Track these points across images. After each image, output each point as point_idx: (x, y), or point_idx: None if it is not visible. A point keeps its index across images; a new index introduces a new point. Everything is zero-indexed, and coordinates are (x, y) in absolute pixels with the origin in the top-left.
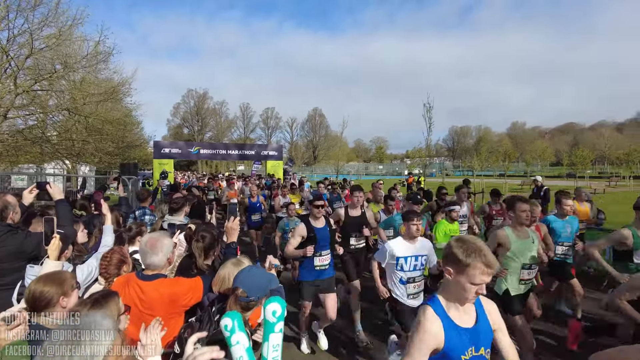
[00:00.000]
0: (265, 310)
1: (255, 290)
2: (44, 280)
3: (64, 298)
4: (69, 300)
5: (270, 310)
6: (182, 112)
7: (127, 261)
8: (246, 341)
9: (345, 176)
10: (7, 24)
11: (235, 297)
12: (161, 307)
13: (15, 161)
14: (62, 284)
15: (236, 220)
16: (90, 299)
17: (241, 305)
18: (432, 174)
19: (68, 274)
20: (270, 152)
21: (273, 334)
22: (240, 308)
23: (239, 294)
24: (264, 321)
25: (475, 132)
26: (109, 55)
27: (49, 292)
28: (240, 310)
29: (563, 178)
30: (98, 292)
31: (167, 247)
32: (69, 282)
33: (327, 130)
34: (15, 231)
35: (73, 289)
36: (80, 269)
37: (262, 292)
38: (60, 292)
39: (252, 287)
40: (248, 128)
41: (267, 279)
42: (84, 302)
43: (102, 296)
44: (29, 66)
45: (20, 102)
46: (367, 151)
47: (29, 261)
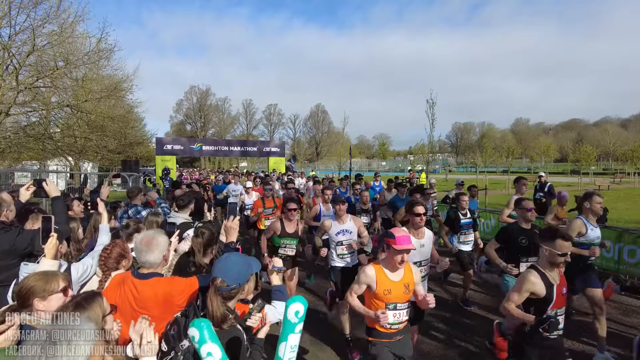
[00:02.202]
0: (287, 310)
1: (235, 278)
2: (32, 276)
3: (40, 301)
4: (46, 304)
5: (293, 310)
6: (185, 108)
7: (128, 256)
8: (218, 351)
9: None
10: (9, 21)
11: (215, 288)
12: (155, 306)
13: (18, 158)
14: (44, 284)
15: (236, 220)
16: (72, 301)
17: (222, 296)
18: (435, 171)
19: (59, 276)
20: (272, 149)
21: (292, 335)
22: (221, 298)
23: (218, 284)
24: (285, 320)
25: (478, 128)
26: (110, 52)
27: (30, 288)
28: (222, 301)
29: (567, 175)
30: (81, 295)
31: (162, 245)
32: (51, 285)
33: (329, 126)
34: (8, 228)
35: (52, 293)
36: (75, 267)
37: (242, 279)
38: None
39: (232, 275)
40: (251, 125)
41: (247, 265)
42: (66, 305)
43: (85, 299)
44: (31, 63)
45: (22, 99)
46: (370, 148)
47: (22, 258)
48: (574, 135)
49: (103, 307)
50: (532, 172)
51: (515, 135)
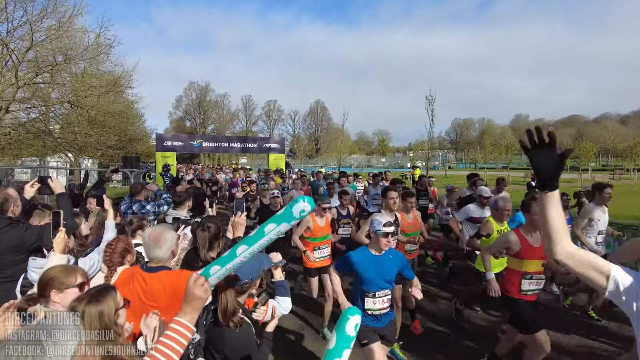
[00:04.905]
0: (346, 323)
1: (248, 273)
2: (55, 267)
3: (57, 293)
4: (62, 297)
5: (353, 323)
6: (184, 104)
7: (132, 251)
8: None
9: (346, 169)
10: (7, 17)
11: (228, 283)
12: (164, 298)
13: (18, 154)
14: (63, 277)
15: (243, 216)
16: (87, 293)
17: (235, 290)
18: (435, 167)
19: (78, 271)
20: (272, 145)
21: (347, 351)
22: (234, 292)
23: (231, 279)
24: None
25: (478, 124)
26: (110, 47)
27: (51, 278)
28: (234, 295)
29: (567, 171)
30: (95, 287)
31: (170, 240)
32: (69, 279)
33: (329, 122)
34: (15, 224)
35: (68, 287)
36: (82, 261)
37: (254, 274)
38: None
39: (245, 271)
40: (250, 121)
41: (259, 260)
42: (80, 297)
43: (99, 291)
44: (30, 59)
45: (22, 95)
46: (370, 144)
47: (30, 253)
48: (573, 132)
49: (116, 300)
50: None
51: (515, 132)
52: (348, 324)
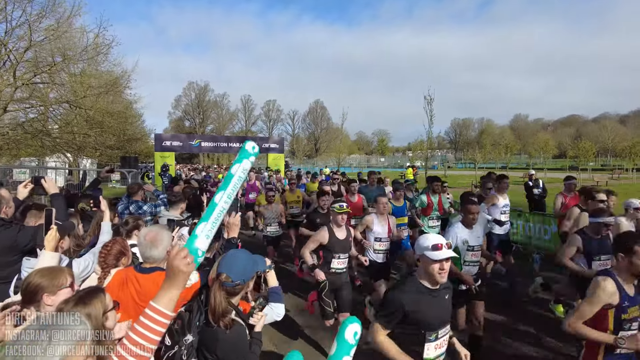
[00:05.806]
0: (345, 330)
1: (240, 274)
2: (38, 272)
3: (49, 295)
4: (55, 299)
5: (352, 331)
6: (184, 104)
7: (127, 254)
8: None
9: (345, 169)
10: (5, 16)
11: (220, 283)
12: None
13: (17, 154)
14: (52, 279)
15: (237, 216)
16: (74, 296)
17: (227, 291)
18: (434, 167)
19: (65, 271)
20: (271, 145)
21: (347, 357)
22: (225, 294)
23: (223, 280)
24: (341, 342)
25: (477, 124)
26: (108, 47)
27: (39, 284)
28: (225, 296)
29: (566, 170)
30: (83, 290)
31: (166, 240)
32: (60, 280)
33: (328, 122)
34: (8, 225)
35: (61, 288)
36: (76, 262)
37: (247, 276)
38: (49, 287)
39: (237, 271)
40: (249, 121)
41: (252, 262)
42: (67, 300)
43: (87, 293)
44: (29, 59)
45: (20, 95)
46: (369, 144)
47: (24, 254)
48: (572, 131)
49: (105, 303)
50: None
51: (514, 131)
52: (347, 331)
